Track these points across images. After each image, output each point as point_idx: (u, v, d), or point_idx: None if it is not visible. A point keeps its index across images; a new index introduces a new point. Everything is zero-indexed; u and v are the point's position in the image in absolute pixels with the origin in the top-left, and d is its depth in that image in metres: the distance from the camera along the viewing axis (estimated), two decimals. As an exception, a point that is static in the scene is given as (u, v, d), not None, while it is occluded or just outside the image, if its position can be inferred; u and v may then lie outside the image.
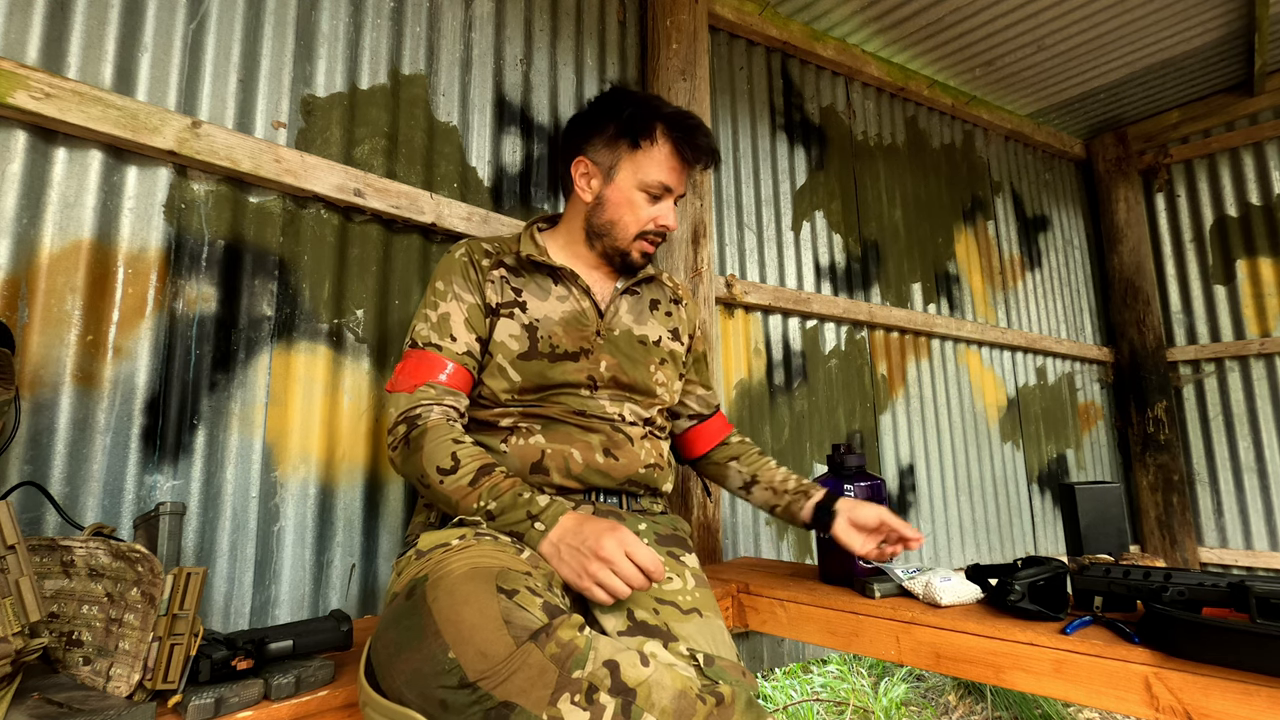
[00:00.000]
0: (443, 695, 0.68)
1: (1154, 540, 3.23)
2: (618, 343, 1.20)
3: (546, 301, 1.18)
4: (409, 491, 1.48)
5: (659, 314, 1.29)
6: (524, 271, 1.20)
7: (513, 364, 1.13)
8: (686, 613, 0.99)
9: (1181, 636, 0.90)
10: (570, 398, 1.14)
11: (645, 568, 0.88)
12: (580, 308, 1.19)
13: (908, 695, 2.51)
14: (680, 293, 1.38)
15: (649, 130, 1.17)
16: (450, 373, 1.08)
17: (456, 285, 1.15)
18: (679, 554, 1.13)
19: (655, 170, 1.17)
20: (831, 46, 2.56)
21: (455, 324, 1.12)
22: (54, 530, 1.08)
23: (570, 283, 1.20)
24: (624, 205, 1.19)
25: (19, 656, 0.72)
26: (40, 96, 1.10)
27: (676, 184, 1.20)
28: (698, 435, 1.42)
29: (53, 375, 1.12)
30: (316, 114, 1.45)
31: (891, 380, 2.60)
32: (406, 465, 1.03)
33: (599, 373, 1.17)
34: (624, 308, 1.25)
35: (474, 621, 0.71)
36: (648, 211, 1.19)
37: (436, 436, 1.01)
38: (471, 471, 0.97)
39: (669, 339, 1.28)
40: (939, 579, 1.21)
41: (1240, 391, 3.19)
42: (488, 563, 0.80)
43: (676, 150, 1.18)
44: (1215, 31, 2.67)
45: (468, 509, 0.96)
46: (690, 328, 1.36)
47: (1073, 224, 3.54)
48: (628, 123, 1.17)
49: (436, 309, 1.13)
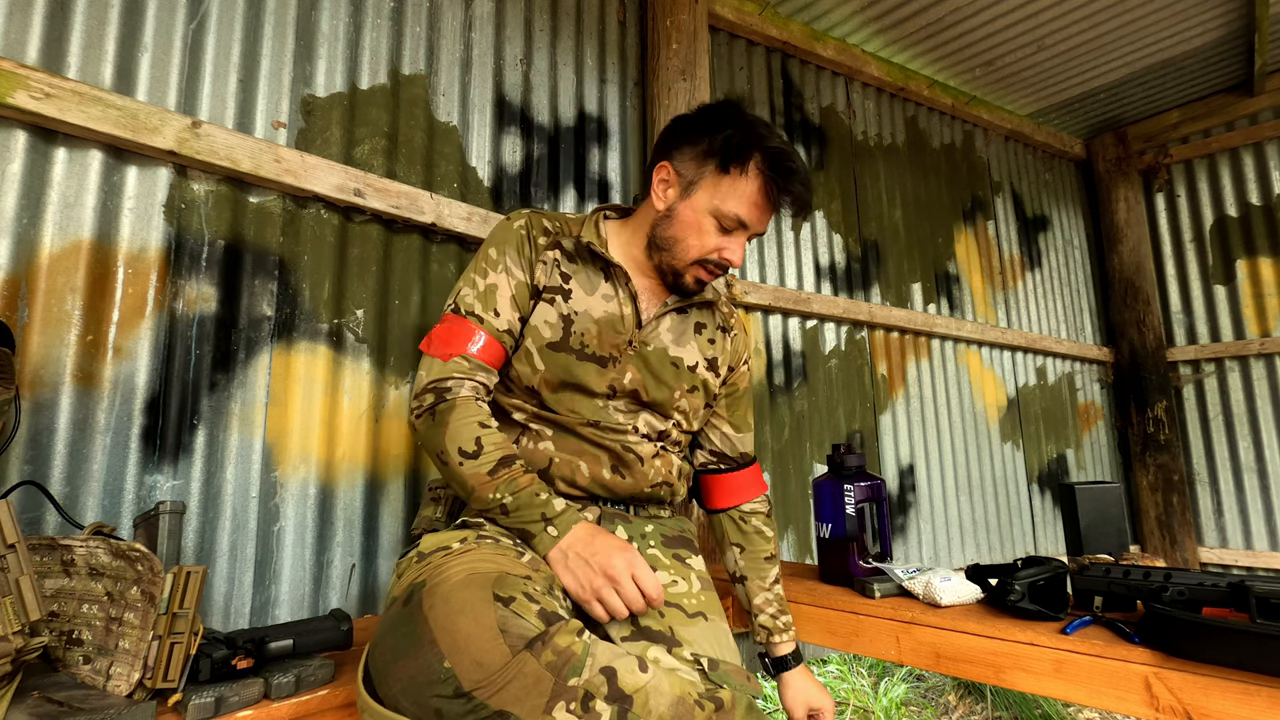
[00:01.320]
0: (438, 704, 0.68)
1: (1154, 540, 3.23)
2: (649, 358, 1.13)
3: (592, 296, 1.12)
4: (409, 491, 1.48)
5: (701, 339, 1.21)
6: (578, 259, 1.13)
7: (540, 351, 1.09)
8: (692, 616, 0.99)
9: (1181, 636, 0.90)
10: (585, 403, 1.09)
11: (648, 593, 0.88)
12: (621, 312, 1.12)
13: (908, 695, 2.51)
14: (732, 322, 1.28)
15: (743, 159, 1.06)
16: (486, 346, 1.04)
17: (509, 258, 1.09)
18: (685, 556, 1.12)
19: (735, 202, 1.07)
20: (831, 46, 2.56)
21: (501, 298, 1.07)
22: (54, 530, 1.08)
23: (620, 283, 1.13)
24: (691, 226, 1.09)
25: (19, 655, 0.72)
26: (40, 96, 1.10)
27: (755, 222, 1.10)
28: (717, 485, 1.28)
29: (53, 375, 1.12)
30: (316, 114, 1.46)
31: (891, 380, 2.60)
32: (428, 436, 1.00)
33: (622, 384, 1.11)
34: (666, 325, 1.17)
35: (469, 631, 0.71)
36: (714, 240, 1.09)
37: (463, 415, 0.98)
38: (493, 461, 0.95)
39: (705, 367, 1.19)
40: (939, 579, 1.21)
41: (1240, 391, 3.19)
42: (486, 568, 0.80)
43: (765, 189, 1.07)
44: (1215, 31, 2.67)
45: (482, 498, 0.95)
46: (732, 359, 1.26)
47: (1073, 224, 3.54)
48: (724, 143, 1.07)
49: (485, 277, 1.08)
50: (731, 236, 1.10)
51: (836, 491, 1.38)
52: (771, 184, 1.06)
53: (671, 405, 1.15)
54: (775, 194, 1.07)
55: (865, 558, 1.35)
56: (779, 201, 1.09)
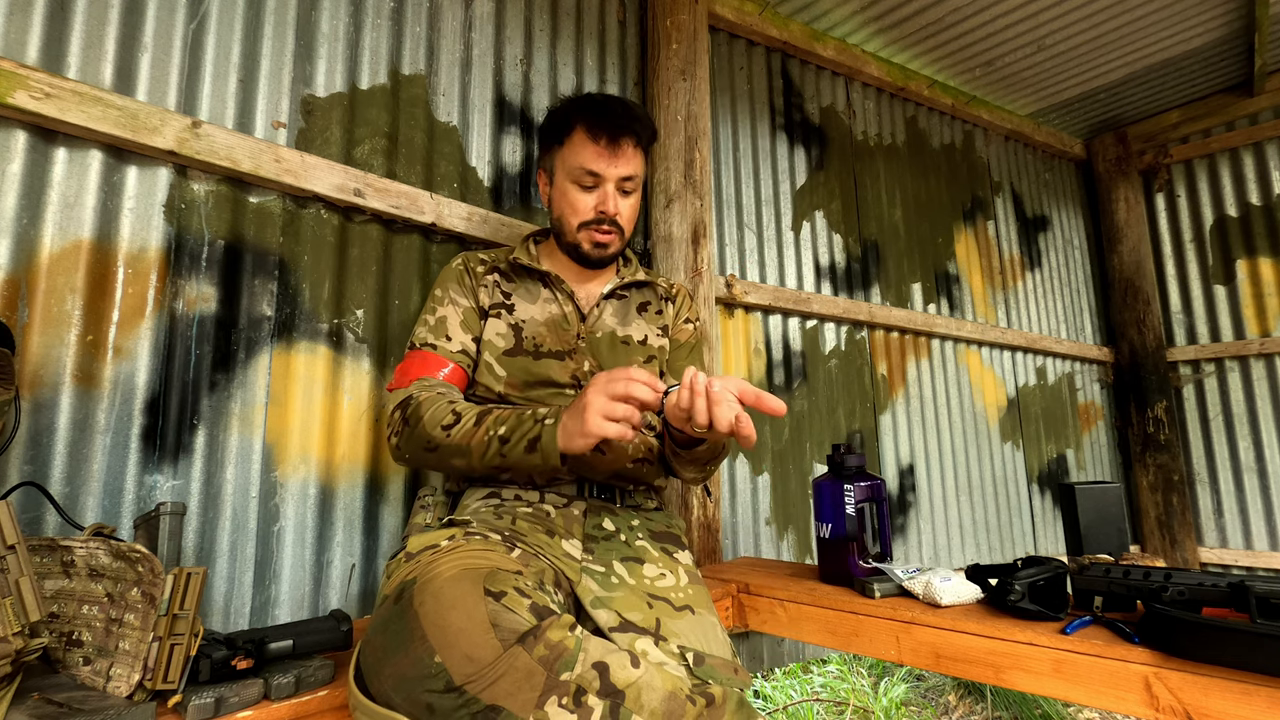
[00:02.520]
0: (429, 699, 0.68)
1: (1154, 540, 3.23)
2: (599, 345, 1.23)
3: (534, 305, 1.23)
4: (409, 491, 1.47)
5: (648, 314, 1.31)
6: (515, 277, 1.26)
7: (499, 360, 1.18)
8: (679, 609, 0.99)
9: (1181, 636, 0.90)
10: (553, 395, 1.17)
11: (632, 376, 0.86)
12: (563, 311, 1.23)
13: (908, 695, 2.51)
14: (674, 291, 1.38)
15: (566, 123, 1.21)
16: (446, 370, 1.14)
17: (453, 291, 1.22)
18: (672, 551, 1.14)
19: (575, 157, 1.19)
20: (831, 46, 2.56)
21: (451, 325, 1.18)
22: (54, 530, 1.08)
23: (556, 287, 1.25)
24: (564, 200, 1.22)
25: (19, 656, 0.72)
26: (40, 96, 1.10)
27: (601, 164, 1.18)
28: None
29: (53, 375, 1.12)
30: (316, 114, 1.45)
31: (891, 380, 2.60)
32: (410, 442, 1.05)
33: (583, 371, 1.20)
34: (609, 311, 1.27)
35: (460, 625, 0.71)
36: (583, 200, 1.20)
37: (433, 404, 1.04)
38: (474, 416, 1.00)
39: (656, 336, 1.30)
40: (939, 579, 1.21)
41: (1240, 391, 3.19)
42: (476, 564, 0.80)
43: (588, 131, 1.18)
44: (1215, 31, 2.67)
45: (480, 445, 0.98)
46: (674, 321, 1.35)
47: (1073, 224, 3.54)
48: (550, 124, 1.24)
49: (434, 313, 1.20)
50: (596, 191, 1.20)
51: (836, 491, 1.38)
52: (589, 122, 1.17)
53: None
54: (597, 128, 1.17)
55: (865, 558, 1.35)
56: (607, 132, 1.17)
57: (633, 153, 1.21)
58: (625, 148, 1.19)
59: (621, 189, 1.22)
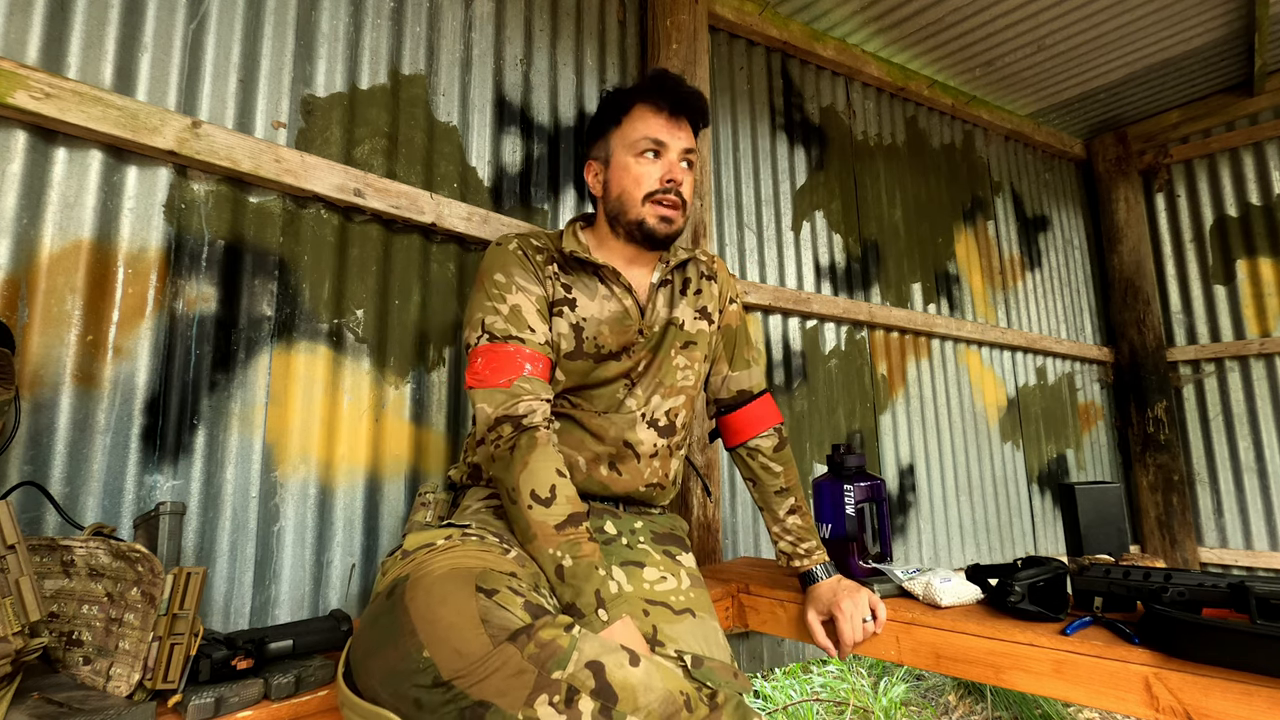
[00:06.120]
0: (416, 694, 0.68)
1: (1154, 540, 3.23)
2: (654, 336, 1.20)
3: (594, 301, 1.16)
4: (409, 491, 1.47)
5: (689, 295, 1.26)
6: (570, 269, 1.18)
7: (560, 364, 1.13)
8: (679, 613, 0.99)
9: (1181, 637, 0.90)
10: (602, 393, 1.15)
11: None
12: (624, 306, 1.18)
13: (908, 695, 2.51)
14: (714, 267, 1.32)
15: (625, 103, 1.18)
16: (536, 364, 1.06)
17: (519, 277, 1.11)
18: (675, 553, 1.14)
19: (635, 130, 1.16)
20: (831, 46, 2.55)
21: (529, 314, 1.09)
22: (54, 530, 1.08)
23: (613, 281, 1.18)
24: (624, 175, 1.16)
25: (19, 656, 0.72)
26: (40, 96, 1.10)
27: (666, 135, 1.15)
28: (724, 426, 1.35)
29: (53, 375, 1.12)
30: (316, 114, 1.45)
31: (891, 380, 2.60)
32: (502, 470, 0.99)
33: (637, 373, 1.18)
34: (660, 300, 1.23)
35: (450, 621, 0.70)
36: (650, 171, 1.15)
37: (543, 458, 0.98)
38: (563, 515, 0.94)
39: (695, 319, 1.24)
40: (939, 579, 1.21)
41: (1240, 391, 3.19)
42: (470, 563, 0.80)
43: (652, 104, 1.16)
44: (1215, 31, 2.67)
45: (542, 549, 0.93)
46: (721, 302, 1.30)
47: (1073, 224, 3.54)
48: (604, 111, 1.21)
49: (505, 301, 1.09)
50: (660, 160, 1.16)
51: (836, 492, 1.38)
52: (653, 95, 1.16)
53: (672, 365, 1.21)
54: (660, 100, 1.16)
55: (865, 558, 1.35)
56: (669, 102, 1.16)
57: (690, 129, 1.20)
58: (684, 123, 1.18)
59: (685, 159, 1.18)
